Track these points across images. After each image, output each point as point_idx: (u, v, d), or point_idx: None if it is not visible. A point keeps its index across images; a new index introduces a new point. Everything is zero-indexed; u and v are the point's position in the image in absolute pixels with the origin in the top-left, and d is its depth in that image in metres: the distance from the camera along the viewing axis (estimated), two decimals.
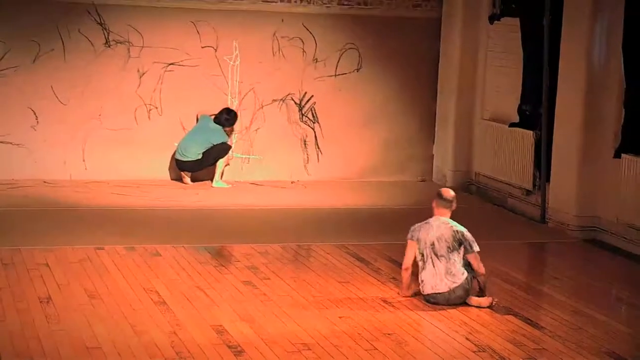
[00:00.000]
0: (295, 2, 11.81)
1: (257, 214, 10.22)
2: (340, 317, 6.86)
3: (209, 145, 11.30)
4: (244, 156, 11.84)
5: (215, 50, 11.60)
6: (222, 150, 11.34)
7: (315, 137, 12.04)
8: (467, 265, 7.31)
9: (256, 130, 11.85)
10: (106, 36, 11.29)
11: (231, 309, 6.96)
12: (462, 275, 7.23)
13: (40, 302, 6.92)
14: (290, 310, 6.99)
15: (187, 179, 11.40)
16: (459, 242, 7.27)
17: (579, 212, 9.71)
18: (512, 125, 11.06)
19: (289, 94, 11.91)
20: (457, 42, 11.84)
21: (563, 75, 9.93)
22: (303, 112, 12.00)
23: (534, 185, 10.58)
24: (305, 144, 12.03)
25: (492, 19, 11.49)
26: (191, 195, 10.86)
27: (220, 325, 6.58)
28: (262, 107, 11.84)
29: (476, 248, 7.29)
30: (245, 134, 11.83)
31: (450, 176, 12.01)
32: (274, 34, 11.77)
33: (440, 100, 12.28)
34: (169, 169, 11.59)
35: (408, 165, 12.22)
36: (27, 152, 11.15)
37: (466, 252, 7.29)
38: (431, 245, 7.26)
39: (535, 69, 10.56)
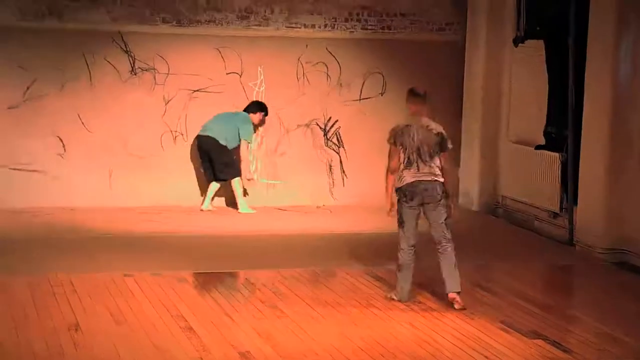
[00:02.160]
0: (320, 27, 11.87)
1: (283, 239, 10.22)
2: (362, 339, 6.83)
3: (234, 129, 11.16)
4: (268, 181, 11.86)
5: (240, 76, 11.66)
6: (231, 170, 11.16)
7: (341, 161, 12.06)
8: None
9: (281, 155, 11.88)
10: (132, 63, 11.39)
11: (257, 334, 6.95)
12: (439, 178, 7.65)
13: (68, 328, 6.94)
14: (314, 333, 6.97)
15: (206, 203, 11.33)
16: (439, 144, 7.63)
17: (606, 234, 9.63)
18: (538, 147, 11.01)
19: (313, 119, 11.94)
20: (482, 65, 11.84)
21: (589, 96, 9.88)
22: (328, 137, 12.02)
23: (561, 208, 10.52)
24: (330, 169, 12.05)
25: (516, 41, 11.47)
26: (217, 221, 10.88)
27: (247, 351, 6.57)
28: (287, 133, 11.88)
29: (450, 146, 7.70)
30: (271, 159, 11.86)
31: (477, 199, 11.97)
32: (299, 59, 11.82)
33: (465, 123, 12.26)
34: (195, 195, 11.61)
35: None
36: (54, 179, 11.23)
37: (442, 149, 7.64)
38: (417, 150, 7.60)
39: (561, 90, 10.52)
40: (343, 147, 12.05)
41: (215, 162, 11.24)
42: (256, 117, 11.45)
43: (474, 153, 12.02)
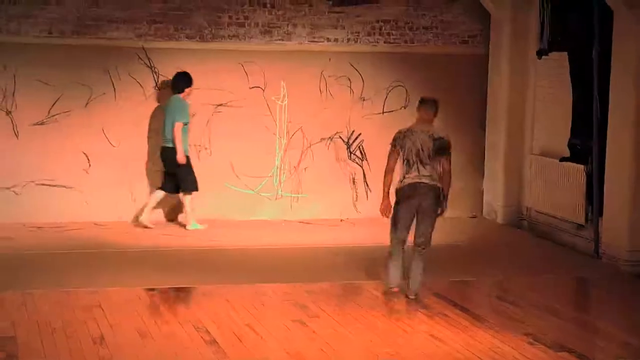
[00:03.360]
0: (342, 41, 11.89)
1: (306, 252, 10.22)
2: (388, 354, 6.81)
3: (173, 119, 10.90)
4: (292, 195, 11.87)
5: (264, 91, 11.69)
6: (187, 181, 11.01)
7: (364, 174, 12.05)
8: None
9: (305, 169, 11.89)
10: (156, 79, 11.45)
11: (281, 347, 6.95)
12: (438, 183, 7.89)
13: (93, 342, 6.97)
14: (338, 346, 6.96)
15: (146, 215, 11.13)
16: (440, 148, 7.86)
17: (632, 246, 9.56)
18: (563, 159, 10.96)
19: (336, 133, 11.95)
20: (505, 77, 11.81)
21: (613, 107, 9.83)
22: (351, 150, 12.02)
23: (586, 220, 10.45)
24: (354, 182, 12.04)
25: (540, 53, 11.44)
26: (239, 235, 10.90)
27: None
28: (310, 146, 11.89)
29: (450, 151, 7.94)
30: (294, 173, 11.88)
31: (501, 212, 11.92)
32: (321, 73, 11.84)
33: (489, 135, 12.23)
34: (219, 208, 11.63)
35: (458, 202, 12.11)
36: (79, 194, 11.30)
37: (443, 153, 7.87)
38: (417, 153, 7.86)
39: (585, 102, 10.47)
40: (366, 160, 12.05)
41: (179, 174, 11.05)
42: (189, 91, 11.12)
43: (498, 165, 11.97)
